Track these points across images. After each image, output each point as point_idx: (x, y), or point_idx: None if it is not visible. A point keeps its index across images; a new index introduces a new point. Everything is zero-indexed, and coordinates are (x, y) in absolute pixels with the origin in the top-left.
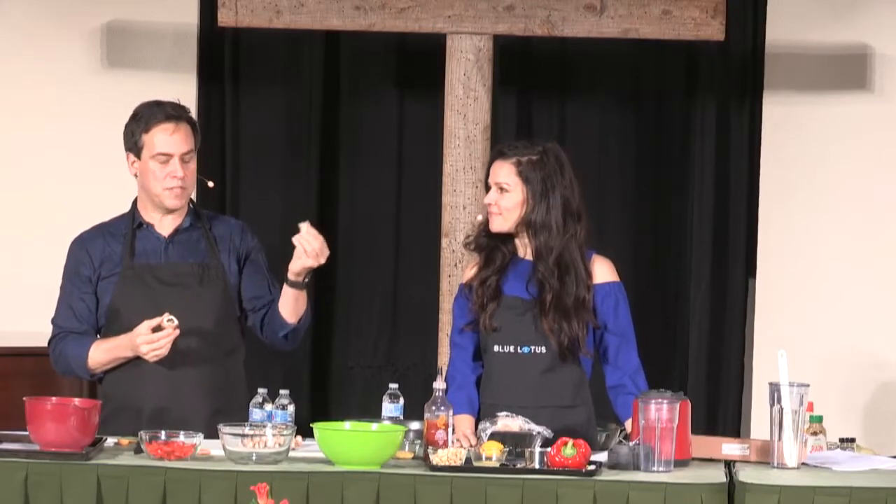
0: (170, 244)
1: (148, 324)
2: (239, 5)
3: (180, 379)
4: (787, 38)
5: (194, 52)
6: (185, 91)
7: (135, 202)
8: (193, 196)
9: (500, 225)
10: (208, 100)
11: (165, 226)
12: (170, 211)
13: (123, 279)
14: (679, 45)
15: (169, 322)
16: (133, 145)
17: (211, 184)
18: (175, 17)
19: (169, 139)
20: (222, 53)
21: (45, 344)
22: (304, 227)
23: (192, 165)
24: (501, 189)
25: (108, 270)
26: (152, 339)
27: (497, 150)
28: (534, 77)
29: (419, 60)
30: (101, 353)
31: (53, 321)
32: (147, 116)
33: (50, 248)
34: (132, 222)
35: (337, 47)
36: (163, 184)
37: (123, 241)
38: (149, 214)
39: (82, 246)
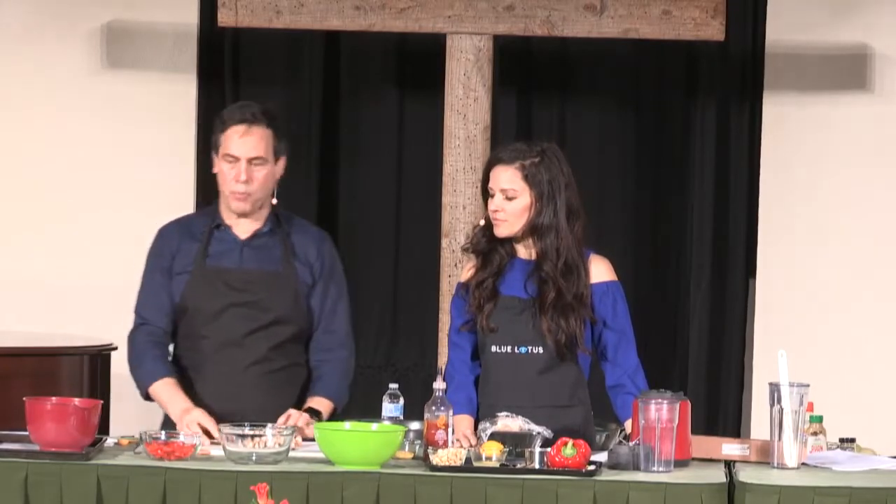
0: (245, 248)
1: (200, 424)
2: (239, 5)
3: (241, 382)
4: (787, 39)
5: (194, 53)
6: (185, 91)
7: (217, 201)
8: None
9: (506, 230)
10: (208, 100)
11: (243, 229)
12: (246, 214)
13: (193, 279)
14: (679, 46)
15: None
16: (213, 144)
17: (274, 201)
18: (175, 18)
19: (238, 141)
20: (222, 54)
21: (45, 344)
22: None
23: (264, 171)
24: (507, 195)
25: (180, 267)
26: (192, 430)
27: (495, 155)
28: (534, 77)
29: (419, 60)
30: (159, 394)
31: (135, 309)
32: (227, 116)
33: (50, 248)
34: (212, 221)
35: (337, 47)
36: (229, 186)
37: (200, 240)
38: (227, 215)
39: (162, 237)
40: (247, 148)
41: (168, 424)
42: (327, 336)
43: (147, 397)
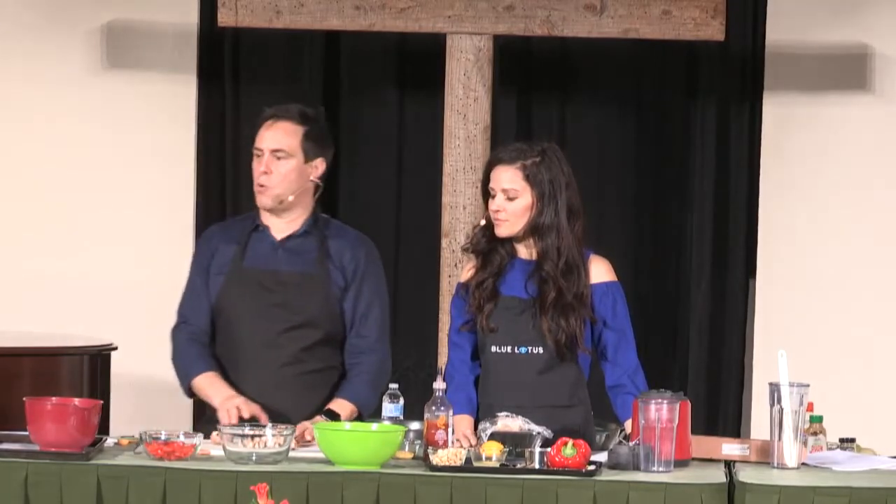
0: (280, 249)
1: (239, 410)
2: (239, 5)
3: (274, 383)
4: (787, 39)
5: (194, 53)
6: (185, 91)
7: None
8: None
9: (507, 230)
10: (208, 100)
11: (280, 230)
12: (271, 210)
13: (229, 280)
14: (679, 45)
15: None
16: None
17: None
18: (175, 18)
19: (263, 134)
20: (222, 53)
21: (44, 344)
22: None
23: (287, 166)
24: (508, 195)
25: (217, 268)
26: (230, 416)
27: (495, 156)
28: (534, 77)
29: (419, 60)
30: (201, 387)
31: (178, 308)
32: (264, 115)
33: (49, 248)
34: (252, 223)
35: (337, 47)
36: (255, 180)
37: (239, 242)
38: (264, 216)
39: (204, 239)
40: (269, 140)
41: (200, 424)
42: (358, 340)
43: (190, 393)
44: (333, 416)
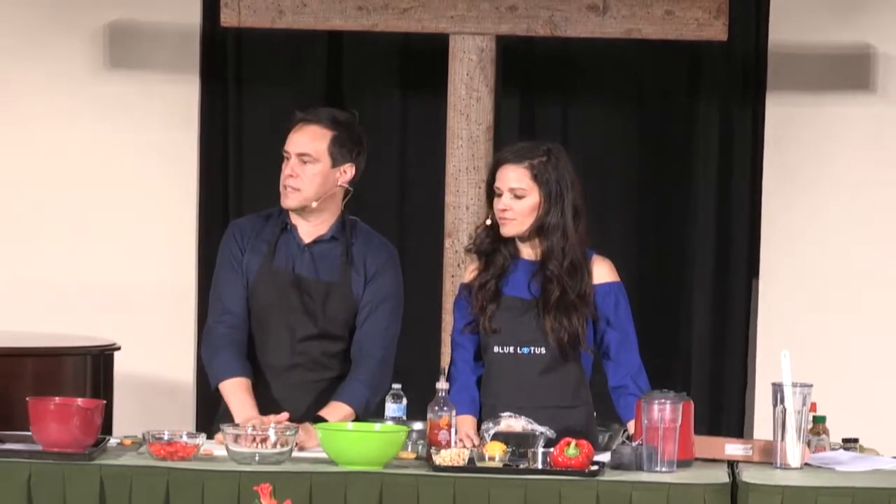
0: (307, 252)
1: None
2: (241, 6)
3: (292, 386)
4: (789, 39)
5: (197, 53)
6: (187, 91)
7: None
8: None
9: (514, 230)
10: (211, 100)
11: (307, 232)
12: (296, 212)
13: (258, 279)
14: (682, 46)
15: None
16: None
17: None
18: (178, 18)
19: (291, 137)
20: (225, 54)
21: (47, 344)
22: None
23: (313, 170)
24: (515, 194)
25: (248, 264)
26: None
27: (501, 155)
28: (536, 77)
29: (422, 61)
30: (227, 393)
31: (213, 300)
32: (295, 118)
33: (52, 247)
34: (282, 222)
35: (340, 48)
36: (282, 181)
37: (268, 241)
38: (293, 216)
39: (236, 229)
40: (296, 144)
41: (216, 419)
42: (362, 342)
43: (217, 391)
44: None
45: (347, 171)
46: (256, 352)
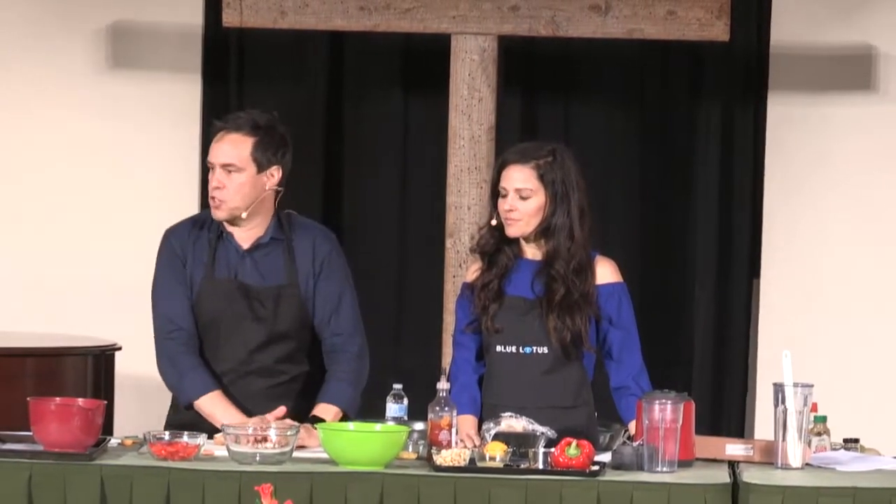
0: (247, 258)
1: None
2: (244, 6)
3: (250, 395)
4: (791, 39)
5: (199, 53)
6: (189, 91)
7: None
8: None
9: (519, 230)
10: (213, 100)
11: (244, 238)
12: (241, 223)
13: (202, 291)
14: (684, 46)
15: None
16: None
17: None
18: (180, 18)
19: (213, 147)
20: (227, 54)
21: (48, 345)
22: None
23: (238, 179)
24: (521, 194)
25: (193, 275)
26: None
27: (507, 155)
28: (538, 77)
29: (424, 61)
30: (207, 409)
31: (159, 316)
32: (214, 127)
33: (52, 248)
34: (216, 229)
35: (341, 48)
36: (210, 193)
37: (206, 248)
38: (228, 225)
39: (174, 238)
40: (218, 154)
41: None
42: (334, 338)
43: (190, 409)
44: (318, 423)
45: (275, 175)
46: (209, 361)
